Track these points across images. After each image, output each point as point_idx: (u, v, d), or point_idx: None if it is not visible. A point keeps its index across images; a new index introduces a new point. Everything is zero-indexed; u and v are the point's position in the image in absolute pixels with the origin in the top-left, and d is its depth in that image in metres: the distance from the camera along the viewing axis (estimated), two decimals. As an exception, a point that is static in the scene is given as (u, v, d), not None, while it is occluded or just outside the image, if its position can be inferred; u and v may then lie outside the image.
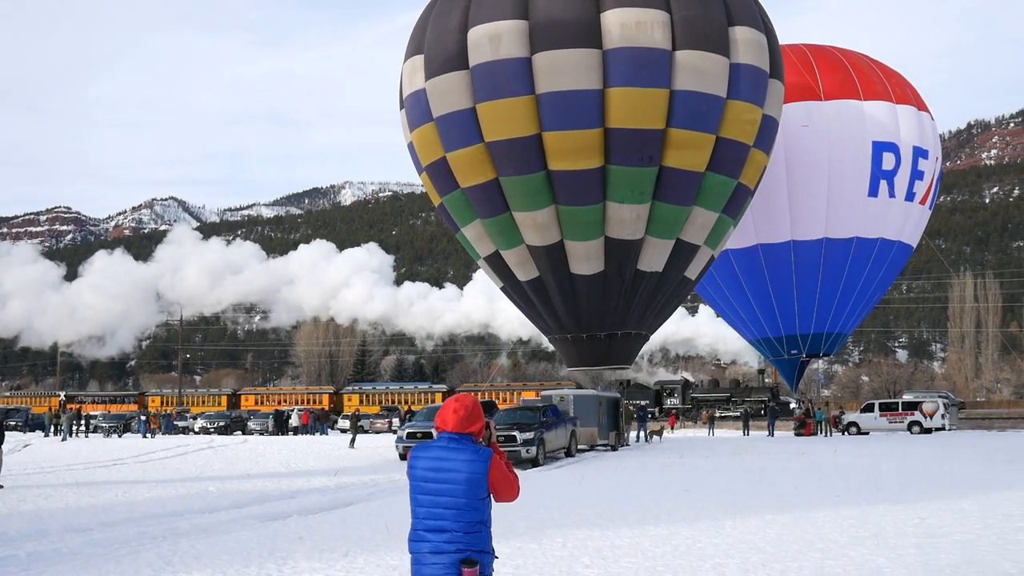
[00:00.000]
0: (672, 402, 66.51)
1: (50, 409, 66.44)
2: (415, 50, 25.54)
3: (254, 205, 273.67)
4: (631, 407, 47.15)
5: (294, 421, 57.00)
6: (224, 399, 78.98)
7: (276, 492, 18.98)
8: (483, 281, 73.70)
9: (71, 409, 60.70)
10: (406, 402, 70.99)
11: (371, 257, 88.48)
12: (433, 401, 67.82)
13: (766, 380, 69.52)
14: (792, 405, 58.94)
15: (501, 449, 5.19)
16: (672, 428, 54.65)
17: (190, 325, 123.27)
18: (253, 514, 15.13)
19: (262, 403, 76.55)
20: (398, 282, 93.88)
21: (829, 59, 36.36)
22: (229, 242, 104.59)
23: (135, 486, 20.32)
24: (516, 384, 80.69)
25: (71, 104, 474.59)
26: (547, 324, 27.34)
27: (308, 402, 74.77)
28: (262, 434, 54.50)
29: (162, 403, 79.15)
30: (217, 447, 37.61)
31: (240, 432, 56.97)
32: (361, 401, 73.06)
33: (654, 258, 25.30)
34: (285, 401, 76.19)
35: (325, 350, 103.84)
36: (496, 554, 5.08)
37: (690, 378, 77.45)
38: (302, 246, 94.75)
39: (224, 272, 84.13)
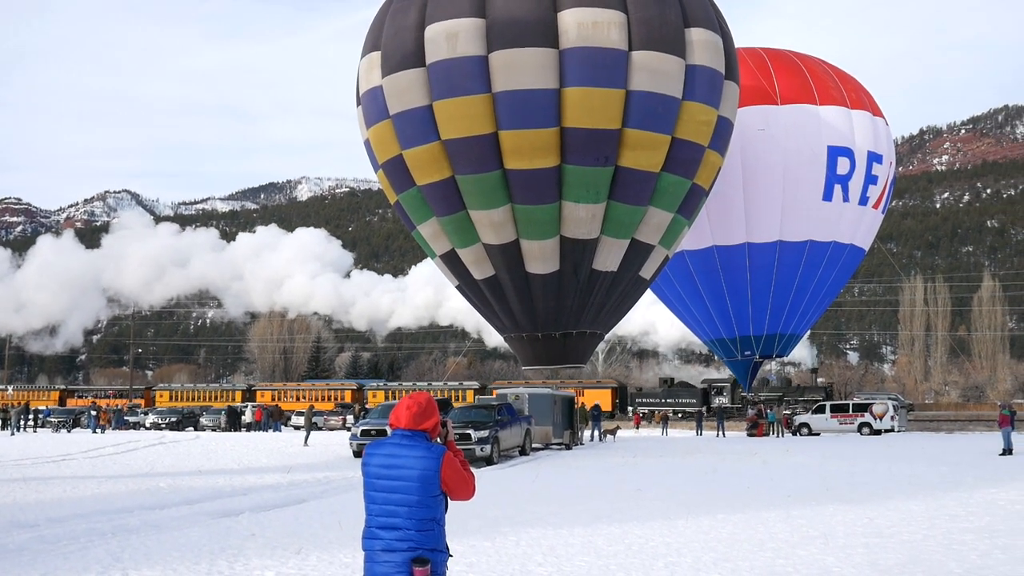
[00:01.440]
0: (720, 401, 62.65)
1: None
2: (372, 46, 25.43)
3: (208, 199, 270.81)
4: (585, 406, 47.27)
5: (247, 417, 56.52)
6: (239, 395, 75.82)
7: (228, 489, 18.80)
8: (431, 272, 72.26)
9: (95, 404, 59.76)
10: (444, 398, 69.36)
11: (323, 247, 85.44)
12: (465, 399, 66.63)
13: (819, 379, 66.99)
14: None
15: (457, 447, 5.16)
16: (632, 428, 54.19)
17: (142, 320, 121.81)
18: (204, 511, 14.98)
19: (279, 399, 73.01)
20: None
21: (785, 63, 36.70)
22: (182, 229, 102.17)
23: (84, 482, 20.04)
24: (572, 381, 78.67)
25: (22, 93, 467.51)
26: (502, 323, 27.34)
27: (334, 398, 72.59)
28: (215, 430, 53.99)
29: (171, 398, 76.89)
30: (168, 443, 37.20)
31: (192, 428, 56.40)
32: (387, 397, 70.15)
33: (609, 258, 25.40)
34: (305, 397, 72.96)
35: (279, 346, 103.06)
36: (450, 552, 5.07)
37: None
38: (260, 229, 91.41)
39: (173, 261, 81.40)
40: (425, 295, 79.59)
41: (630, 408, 63.89)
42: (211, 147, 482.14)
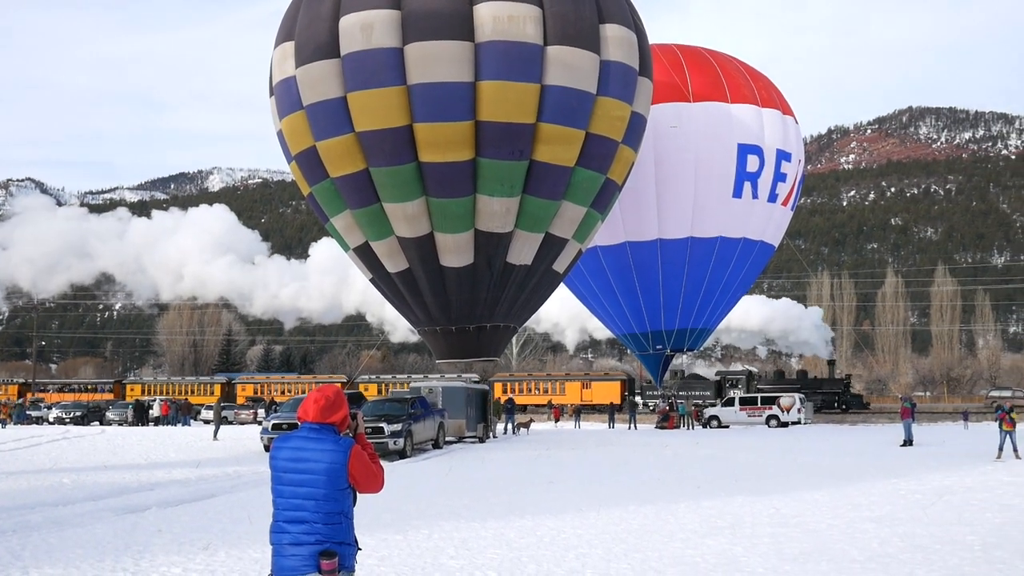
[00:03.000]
0: (736, 394, 62.60)
1: None
2: (286, 36, 25.11)
3: (117, 189, 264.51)
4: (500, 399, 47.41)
5: (155, 411, 55.38)
6: (218, 387, 72.91)
7: (134, 484, 18.41)
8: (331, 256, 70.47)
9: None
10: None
11: (232, 233, 79.75)
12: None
13: (836, 372, 66.35)
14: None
15: (368, 440, 5.13)
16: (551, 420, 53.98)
17: (46, 312, 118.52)
18: (109, 507, 14.65)
19: (261, 393, 69.79)
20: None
21: (698, 61, 37.18)
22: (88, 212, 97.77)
23: (-18, 479, 19.44)
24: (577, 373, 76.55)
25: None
26: (416, 316, 27.26)
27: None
28: (121, 425, 52.77)
29: (143, 392, 73.53)
30: (72, 438, 36.25)
31: (98, 423, 55.06)
32: (380, 392, 68.05)
33: (523, 251, 25.49)
34: (289, 392, 68.73)
35: (189, 339, 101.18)
36: (359, 546, 5.04)
37: (753, 369, 72.42)
38: (158, 213, 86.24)
39: (74, 248, 76.92)
40: (331, 283, 76.70)
41: (639, 400, 61.69)
42: (120, 136, 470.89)
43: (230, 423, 51.88)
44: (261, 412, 54.08)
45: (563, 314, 73.88)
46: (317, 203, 26.50)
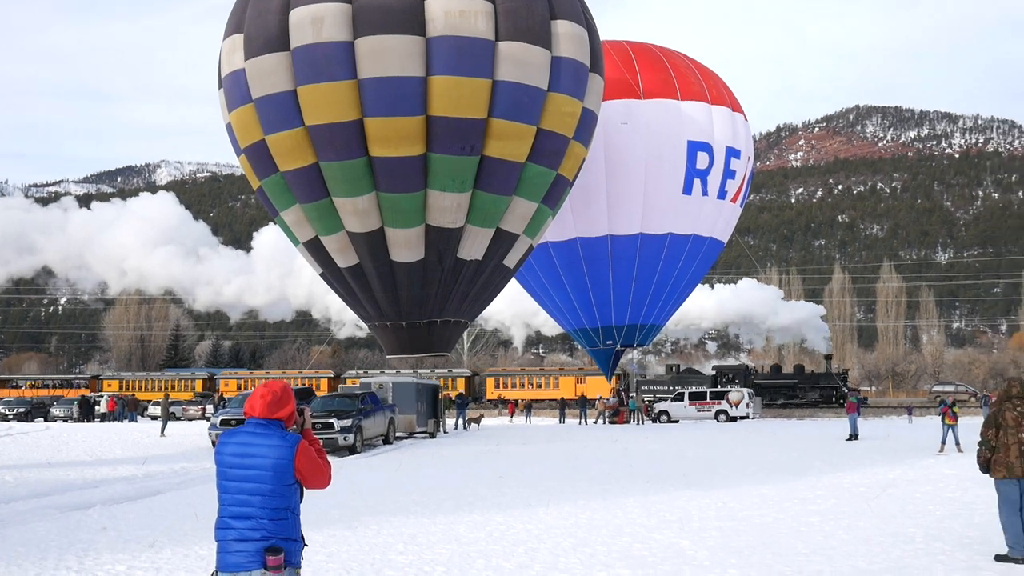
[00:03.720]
0: (733, 388, 61.36)
1: None
2: (235, 28, 24.85)
3: (62, 182, 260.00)
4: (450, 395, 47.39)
5: (101, 407, 54.66)
6: (199, 383, 71.24)
7: (79, 481, 18.17)
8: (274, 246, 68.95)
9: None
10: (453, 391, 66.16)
11: (174, 222, 76.15)
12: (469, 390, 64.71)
13: (834, 366, 65.28)
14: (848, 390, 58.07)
15: (316, 436, 5.12)
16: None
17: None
18: (53, 504, 14.46)
19: (245, 388, 67.76)
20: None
21: (649, 57, 37.35)
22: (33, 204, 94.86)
23: (-79, 477, 19.07)
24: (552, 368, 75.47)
25: None
26: (367, 311, 27.14)
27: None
28: (66, 421, 52.02)
29: (121, 387, 71.53)
30: (16, 435, 35.70)
31: (42, 419, 54.21)
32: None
33: (474, 246, 25.47)
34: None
35: (136, 334, 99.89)
36: (306, 542, 5.03)
37: (750, 364, 71.61)
38: (98, 204, 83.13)
39: (15, 241, 74.10)
40: (277, 276, 74.93)
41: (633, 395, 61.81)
42: (65, 128, 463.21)
43: (178, 419, 51.36)
44: (209, 408, 53.62)
45: (508, 310, 73.35)
46: (267, 197, 26.27)
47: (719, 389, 48.43)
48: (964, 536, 10.72)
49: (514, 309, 71.87)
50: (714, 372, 63.54)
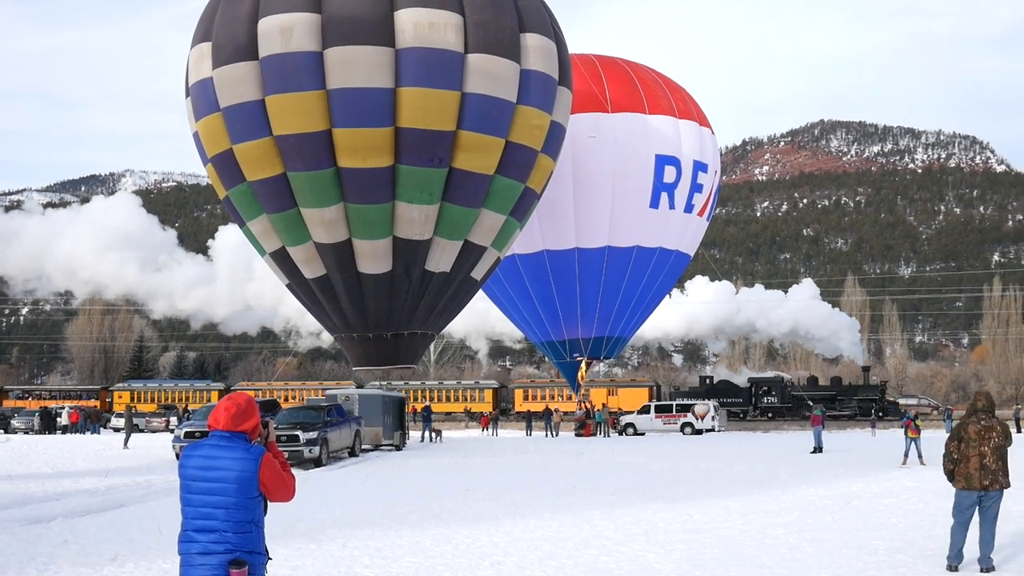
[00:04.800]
0: (769, 400, 59.50)
1: None
2: (203, 36, 24.73)
3: (24, 190, 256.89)
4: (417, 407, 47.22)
5: (63, 419, 54.02)
6: (215, 394, 69.15)
7: (40, 494, 17.94)
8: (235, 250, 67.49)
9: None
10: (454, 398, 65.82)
11: (134, 228, 72.83)
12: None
13: (872, 378, 64.70)
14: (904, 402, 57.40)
15: (280, 449, 5.10)
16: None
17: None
18: (13, 517, 14.26)
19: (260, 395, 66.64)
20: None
21: (617, 71, 37.56)
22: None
23: None
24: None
25: None
26: (333, 323, 27.04)
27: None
28: (27, 433, 51.34)
29: (132, 398, 68.62)
30: (-26, 447, 35.19)
31: (2, 431, 53.48)
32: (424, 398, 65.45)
33: (442, 259, 25.45)
34: (295, 398, 65.33)
35: (100, 345, 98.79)
36: (270, 555, 5.00)
37: (785, 375, 70.26)
38: (52, 212, 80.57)
39: None
40: (240, 286, 73.42)
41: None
42: (29, 136, 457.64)
43: (141, 431, 50.89)
44: (173, 420, 53.16)
45: (471, 323, 72.47)
46: (233, 207, 26.14)
47: (685, 402, 48.60)
48: (926, 548, 10.82)
49: (476, 321, 71.09)
50: (748, 384, 62.01)
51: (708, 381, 63.57)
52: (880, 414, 56.26)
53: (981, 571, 9.48)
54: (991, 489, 9.49)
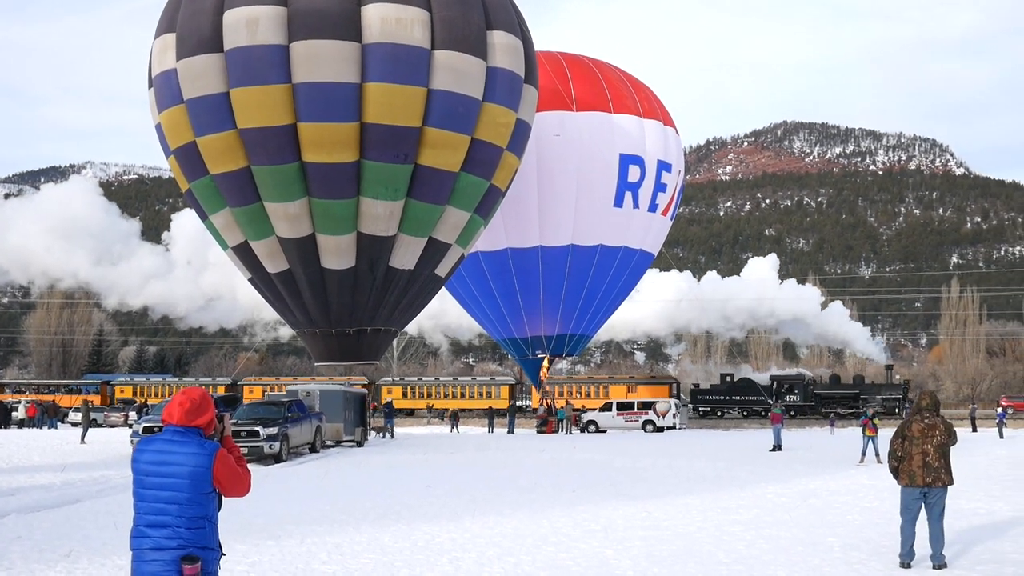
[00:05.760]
0: (792, 399, 58.32)
1: None
2: (167, 27, 24.53)
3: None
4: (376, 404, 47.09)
5: (20, 413, 53.30)
6: (220, 388, 67.74)
7: (-7, 489, 17.71)
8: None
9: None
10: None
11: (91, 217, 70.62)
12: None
13: (895, 377, 63.88)
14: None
15: (240, 444, 5.09)
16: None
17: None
18: (-34, 513, 14.07)
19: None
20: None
21: (582, 70, 37.66)
22: None
23: None
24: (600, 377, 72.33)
25: None
26: (296, 318, 26.93)
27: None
28: (-18, 427, 50.61)
29: (135, 393, 66.98)
30: (-72, 441, 34.67)
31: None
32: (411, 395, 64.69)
33: (406, 255, 25.42)
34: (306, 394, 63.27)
35: (58, 338, 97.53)
36: (223, 551, 4.97)
37: (808, 373, 69.37)
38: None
39: None
40: (196, 277, 71.53)
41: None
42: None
43: (100, 425, 50.39)
44: (132, 415, 52.62)
45: (429, 320, 71.46)
46: (196, 200, 25.95)
47: (647, 399, 48.82)
48: (880, 545, 10.94)
49: (435, 319, 70.26)
50: (771, 382, 61.47)
51: (729, 379, 63.21)
52: (901, 412, 55.17)
53: (933, 567, 9.62)
54: (934, 486, 9.64)
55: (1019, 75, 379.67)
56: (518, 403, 63.32)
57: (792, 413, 57.93)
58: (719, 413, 59.69)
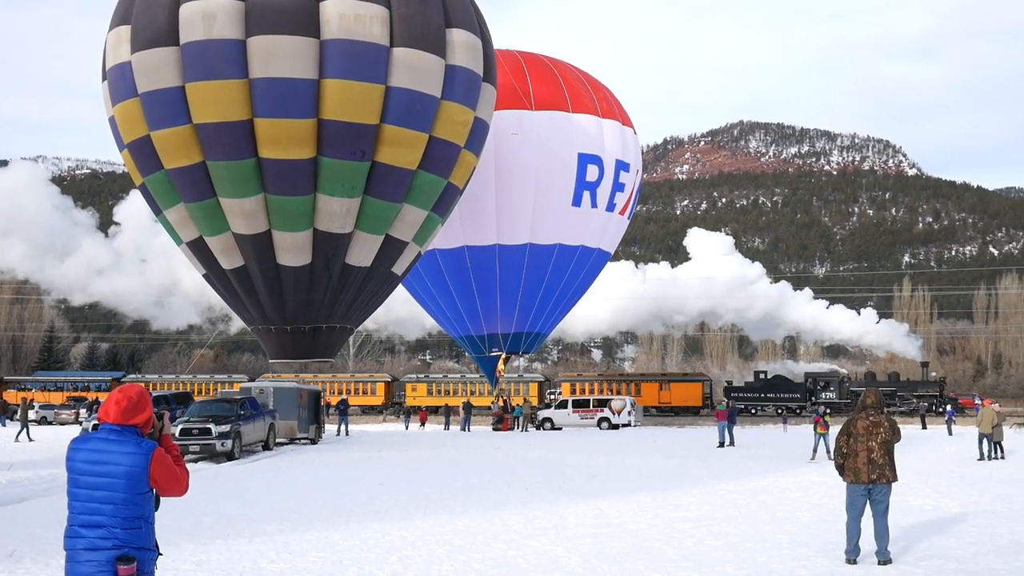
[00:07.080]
0: (828, 396, 57.17)
1: None
2: (122, 19, 24.23)
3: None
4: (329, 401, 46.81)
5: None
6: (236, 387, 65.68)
7: (-62, 487, 17.45)
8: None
9: None
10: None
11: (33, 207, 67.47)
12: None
13: (931, 374, 63.19)
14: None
15: (192, 442, 5.05)
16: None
17: None
18: (-92, 511, 13.85)
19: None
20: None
21: (541, 69, 37.69)
22: None
23: None
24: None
25: None
26: (251, 315, 26.73)
27: (362, 391, 65.13)
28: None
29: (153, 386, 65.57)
30: None
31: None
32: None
33: (363, 253, 25.33)
34: (346, 391, 62.37)
35: (8, 335, 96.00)
36: (160, 551, 4.92)
37: (843, 371, 68.39)
38: None
39: None
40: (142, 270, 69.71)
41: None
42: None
43: (50, 423, 49.89)
44: (84, 412, 51.99)
45: (383, 317, 70.52)
46: (150, 194, 25.69)
47: (602, 397, 49.01)
48: (828, 542, 11.08)
49: (388, 315, 69.40)
50: (805, 379, 60.63)
51: (763, 376, 61.90)
52: (941, 411, 53.25)
53: (878, 563, 9.76)
54: (879, 483, 9.79)
55: (971, 77, 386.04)
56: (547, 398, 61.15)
57: (827, 411, 57.19)
58: (752, 411, 57.78)
